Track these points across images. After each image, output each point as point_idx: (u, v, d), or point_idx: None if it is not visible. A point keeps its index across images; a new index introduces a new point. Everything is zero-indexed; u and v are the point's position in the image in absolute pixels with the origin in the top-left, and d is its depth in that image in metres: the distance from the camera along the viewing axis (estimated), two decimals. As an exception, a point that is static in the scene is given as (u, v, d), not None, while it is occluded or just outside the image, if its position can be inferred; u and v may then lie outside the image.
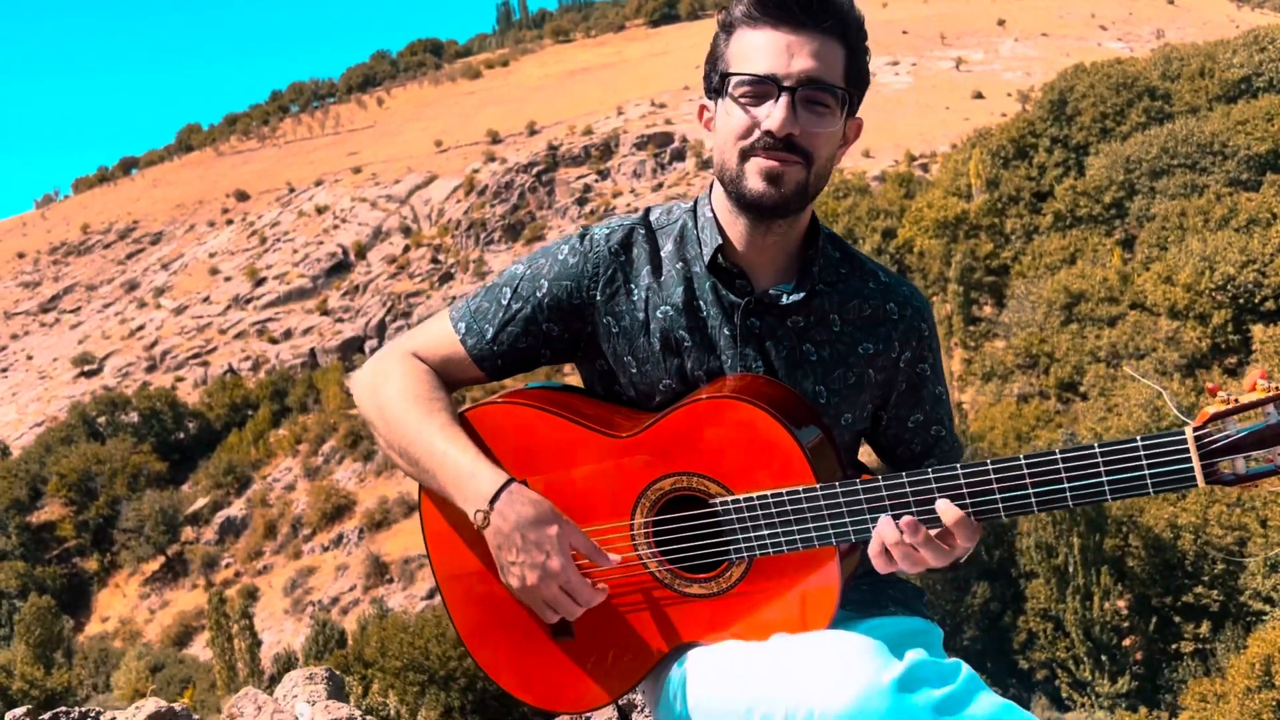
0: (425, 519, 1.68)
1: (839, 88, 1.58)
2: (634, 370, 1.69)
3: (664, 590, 1.56)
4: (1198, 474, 1.36)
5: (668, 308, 1.67)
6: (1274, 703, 18.99)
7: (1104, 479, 1.38)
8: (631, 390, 1.70)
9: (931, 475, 1.47)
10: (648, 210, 1.78)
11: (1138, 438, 1.38)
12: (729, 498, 1.51)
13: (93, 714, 1.94)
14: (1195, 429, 1.37)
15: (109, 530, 62.63)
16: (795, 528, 1.48)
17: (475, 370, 1.72)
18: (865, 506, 1.47)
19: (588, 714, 1.72)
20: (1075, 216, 48.50)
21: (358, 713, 2.02)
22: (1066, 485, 1.41)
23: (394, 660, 23.51)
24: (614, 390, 1.72)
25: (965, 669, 1.45)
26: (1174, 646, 29.37)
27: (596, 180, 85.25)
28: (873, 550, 1.49)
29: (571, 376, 1.91)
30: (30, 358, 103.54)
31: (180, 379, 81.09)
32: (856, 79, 1.62)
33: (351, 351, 76.42)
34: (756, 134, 1.56)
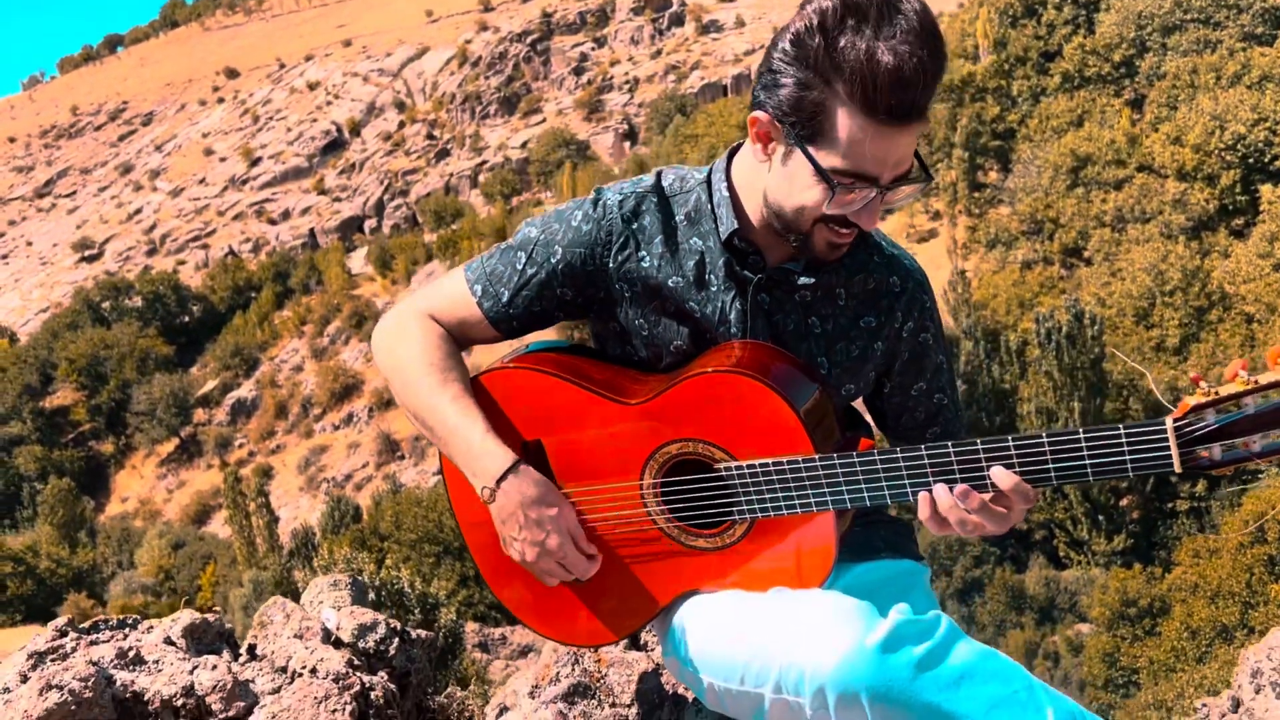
0: (447, 472, 1.76)
1: (914, 179, 1.62)
2: (645, 333, 1.75)
3: (671, 543, 1.67)
4: (1175, 462, 1.45)
5: (679, 279, 1.72)
6: (1265, 557, 19.55)
7: (1086, 463, 1.46)
8: (643, 350, 1.76)
9: (924, 452, 1.56)
10: (659, 175, 1.79)
11: (1120, 425, 1.45)
12: (733, 464, 1.59)
13: (131, 621, 2.05)
14: (1175, 420, 1.44)
15: (122, 414, 63.50)
16: (795, 494, 1.57)
17: (491, 331, 1.77)
18: (861, 478, 1.56)
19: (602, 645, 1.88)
20: (1084, 77, 47.38)
21: (381, 617, 2.13)
22: (1051, 466, 1.49)
23: (408, 533, 24.16)
24: (626, 349, 1.79)
25: (945, 621, 1.54)
26: (1170, 505, 30.03)
27: (593, 49, 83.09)
28: (923, 514, 1.56)
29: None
30: (30, 244, 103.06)
31: (181, 262, 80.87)
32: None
33: (351, 231, 75.93)
34: (837, 213, 1.59)
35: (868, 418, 1.92)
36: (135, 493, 61.05)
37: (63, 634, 2.09)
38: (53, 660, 1.97)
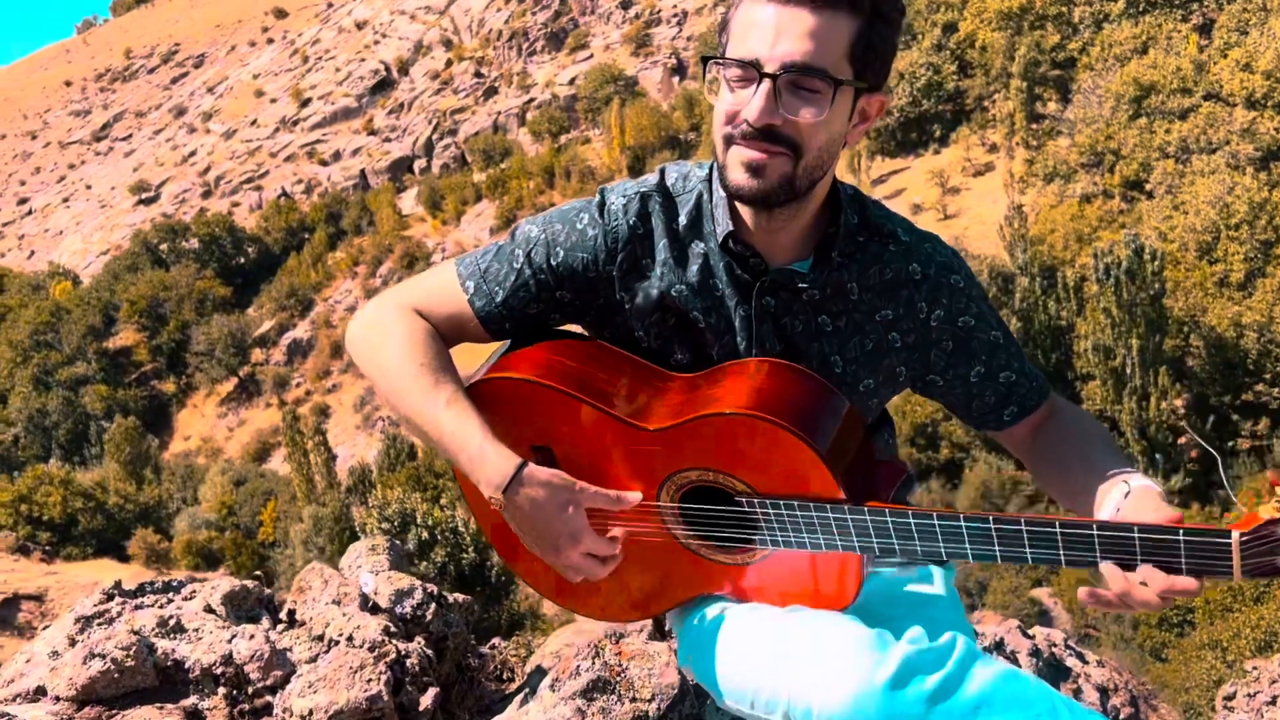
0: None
1: (829, 74, 1.44)
2: (645, 345, 1.67)
3: (690, 554, 1.62)
4: (1235, 572, 1.34)
5: (683, 286, 1.64)
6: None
7: (1138, 555, 1.38)
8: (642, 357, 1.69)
9: (962, 523, 1.46)
10: (662, 173, 1.69)
11: (1179, 531, 1.35)
12: (755, 498, 1.52)
13: (175, 584, 2.08)
14: (1242, 535, 1.32)
15: (182, 354, 64.88)
16: (821, 537, 1.50)
17: (480, 331, 1.68)
18: (893, 535, 1.48)
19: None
20: (1149, 2, 45.64)
21: (418, 582, 2.14)
22: (1098, 552, 1.40)
23: (462, 473, 24.43)
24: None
25: (962, 644, 1.46)
26: (1230, 444, 29.47)
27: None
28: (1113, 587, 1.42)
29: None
30: (89, 187, 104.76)
31: (236, 204, 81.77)
32: (869, 56, 1.47)
33: (401, 171, 76.09)
34: (739, 121, 1.46)
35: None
36: (197, 431, 62.58)
37: (109, 597, 2.14)
38: (99, 625, 2.01)
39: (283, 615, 2.16)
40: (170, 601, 2.04)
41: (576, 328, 1.76)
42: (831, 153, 1.51)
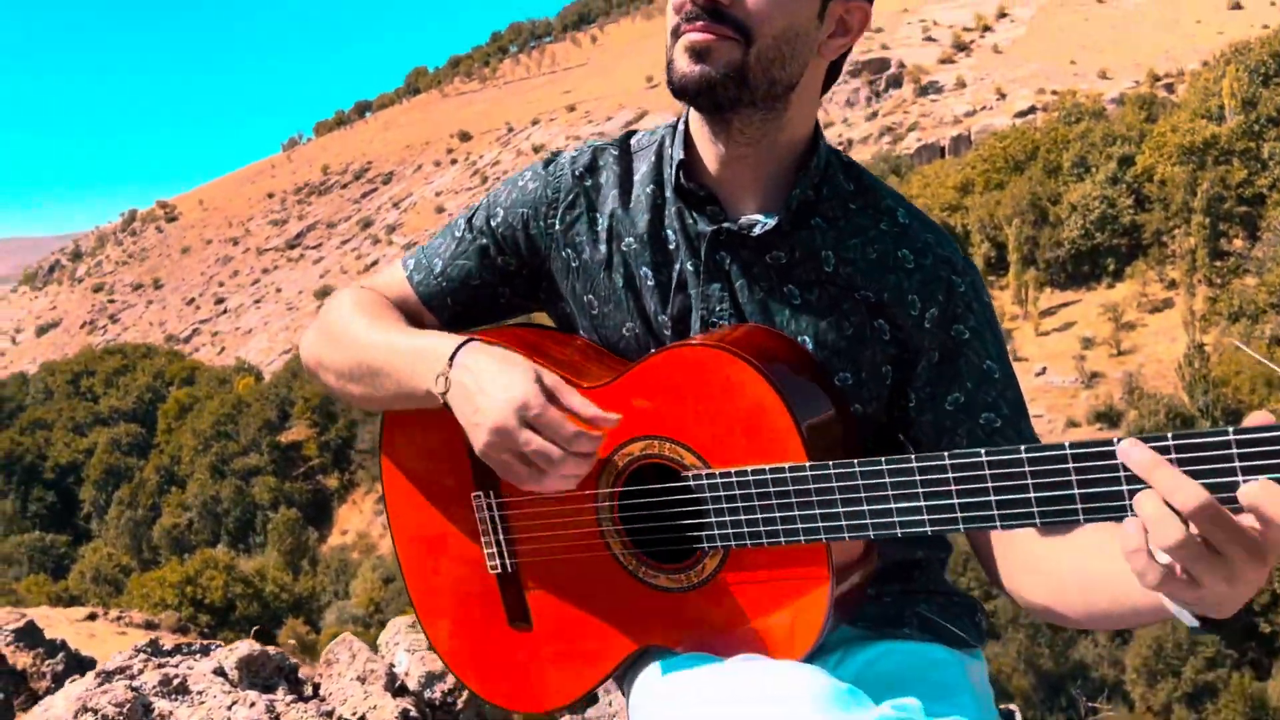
0: (386, 475, 1.48)
1: None
2: (595, 312, 1.43)
3: (629, 579, 1.30)
4: None
5: (631, 239, 1.40)
6: None
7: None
8: (594, 336, 1.44)
9: (948, 462, 1.09)
10: (631, 132, 1.49)
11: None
12: (703, 471, 1.23)
13: (186, 647, 1.96)
14: None
15: (348, 451, 67.82)
16: (778, 515, 1.19)
17: (427, 314, 1.49)
18: (863, 495, 1.14)
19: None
20: (1348, 138, 43.44)
21: None
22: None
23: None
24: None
25: None
26: None
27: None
28: (1145, 511, 0.91)
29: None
30: (279, 290, 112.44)
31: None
32: None
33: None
34: (684, 3, 1.26)
35: None
36: (354, 526, 64.75)
37: (139, 652, 2.03)
38: (119, 679, 1.89)
39: (306, 688, 1.99)
40: (180, 664, 1.91)
41: (542, 319, 1.53)
42: (794, 49, 1.27)
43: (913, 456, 1.10)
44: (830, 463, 1.15)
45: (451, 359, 1.29)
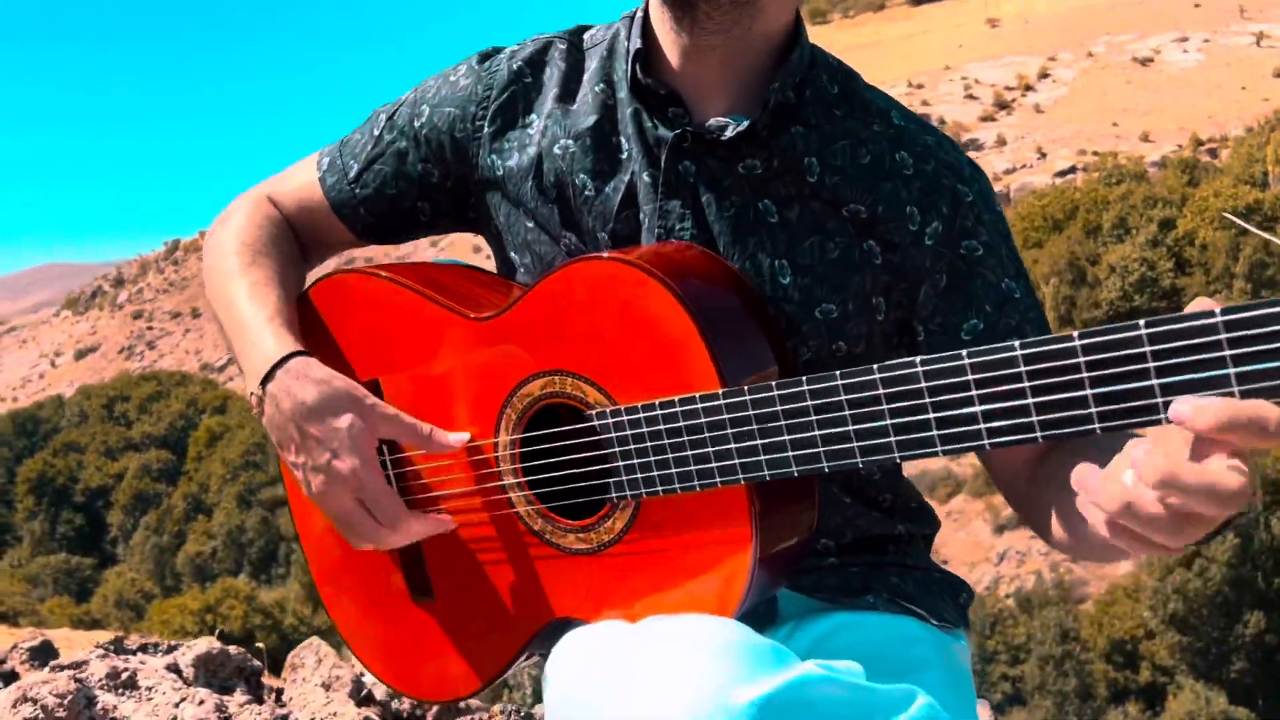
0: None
1: None
2: (525, 229, 1.23)
3: (535, 541, 1.14)
4: None
5: (569, 141, 1.20)
6: None
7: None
8: (527, 257, 1.24)
9: (966, 360, 0.87)
10: (586, 26, 1.30)
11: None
12: (608, 409, 1.07)
13: (153, 647, 1.86)
14: None
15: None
16: (690, 453, 1.02)
17: (333, 221, 1.30)
18: (784, 423, 0.97)
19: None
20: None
21: None
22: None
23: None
24: (514, 269, 1.26)
25: (919, 705, 0.94)
26: None
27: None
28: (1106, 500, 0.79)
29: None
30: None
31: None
32: None
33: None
34: None
35: None
36: (376, 562, 64.70)
37: (99, 648, 1.93)
38: (67, 671, 1.79)
39: (267, 692, 1.88)
40: (139, 658, 1.81)
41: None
42: None
43: (838, 374, 0.93)
44: (745, 387, 0.99)
45: (264, 382, 1.14)
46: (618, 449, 1.06)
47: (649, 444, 1.04)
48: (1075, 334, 0.81)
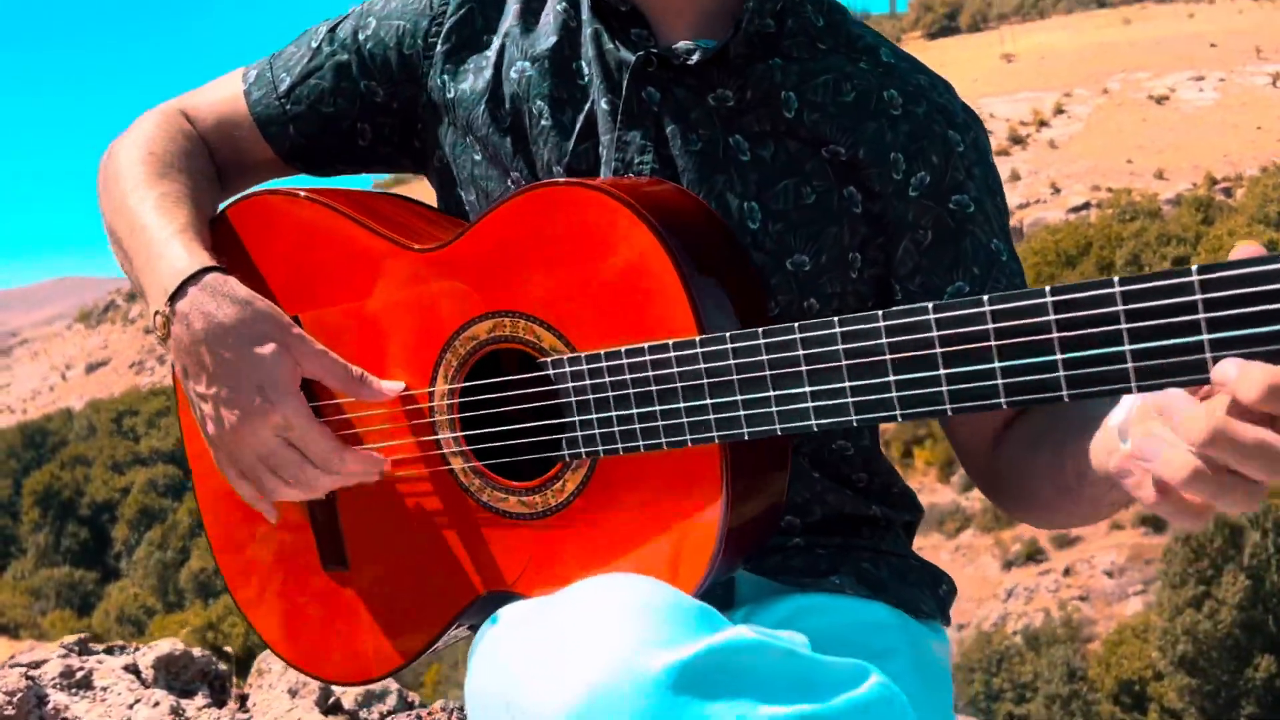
0: (183, 406, 1.15)
1: None
2: (473, 160, 1.11)
3: (470, 504, 1.02)
4: None
5: (526, 64, 1.08)
6: None
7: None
8: (473, 194, 1.12)
9: (931, 312, 0.79)
10: None
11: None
12: (564, 356, 0.95)
13: (118, 649, 1.79)
14: None
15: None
16: (658, 407, 0.91)
17: (258, 139, 1.16)
18: (768, 374, 0.86)
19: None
20: None
21: (397, 687, 1.79)
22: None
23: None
24: (461, 207, 1.14)
25: (872, 683, 0.82)
26: None
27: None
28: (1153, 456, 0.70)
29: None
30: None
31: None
32: None
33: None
34: None
35: None
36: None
37: (62, 648, 1.87)
38: (20, 669, 1.72)
39: (232, 699, 1.81)
40: (87, 658, 1.74)
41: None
42: None
43: (835, 320, 0.83)
44: (727, 334, 0.89)
45: (172, 299, 0.99)
46: (574, 399, 0.95)
47: (611, 394, 0.93)
48: (1047, 289, 0.75)
